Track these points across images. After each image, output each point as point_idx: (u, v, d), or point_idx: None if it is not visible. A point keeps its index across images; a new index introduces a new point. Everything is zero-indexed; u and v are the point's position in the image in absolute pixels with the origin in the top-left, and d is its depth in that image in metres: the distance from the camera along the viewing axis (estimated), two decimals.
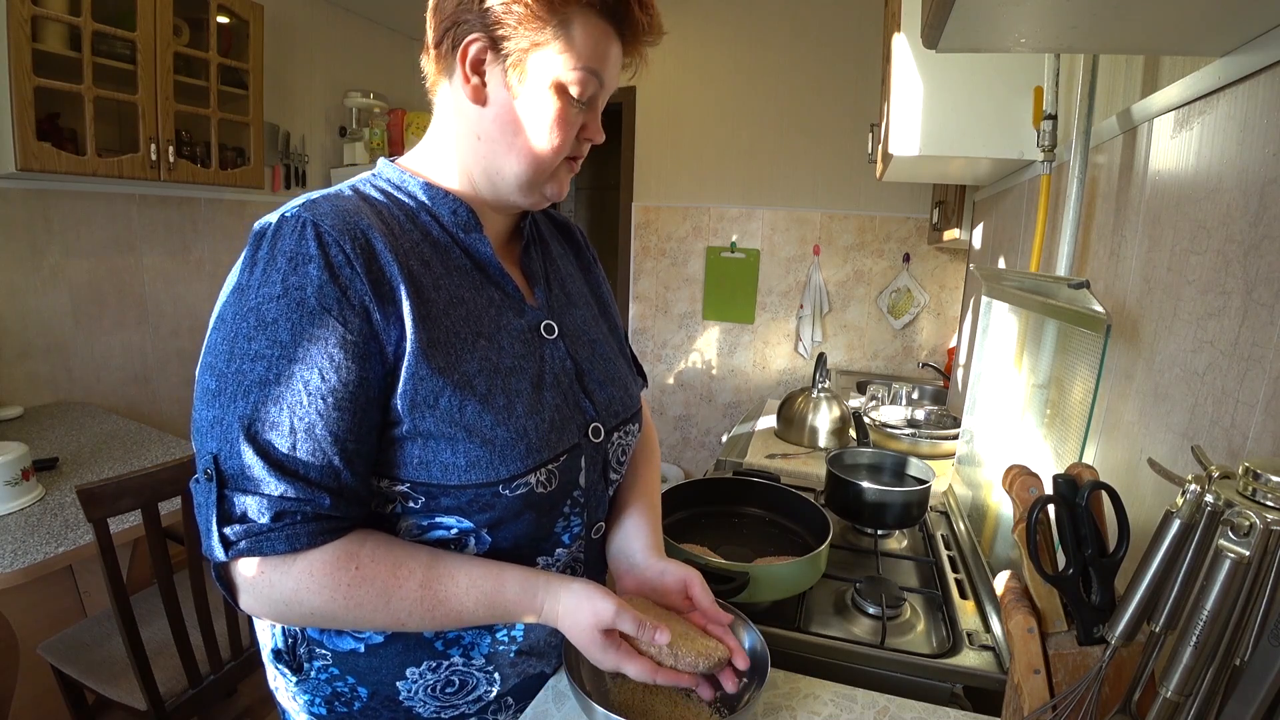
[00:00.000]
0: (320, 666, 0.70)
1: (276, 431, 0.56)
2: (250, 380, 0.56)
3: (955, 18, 0.64)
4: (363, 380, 0.58)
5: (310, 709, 0.72)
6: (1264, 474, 0.43)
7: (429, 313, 0.62)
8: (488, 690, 0.72)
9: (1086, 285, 0.80)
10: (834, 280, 3.26)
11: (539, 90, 0.63)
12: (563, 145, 0.66)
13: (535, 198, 0.70)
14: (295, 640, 0.70)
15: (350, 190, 0.67)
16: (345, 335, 0.57)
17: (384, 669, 0.68)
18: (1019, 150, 1.33)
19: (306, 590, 0.58)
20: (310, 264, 0.57)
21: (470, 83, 0.64)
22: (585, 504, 0.74)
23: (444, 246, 0.68)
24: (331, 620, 0.60)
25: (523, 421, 0.65)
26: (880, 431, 1.88)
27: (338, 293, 0.57)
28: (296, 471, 0.56)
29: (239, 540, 0.56)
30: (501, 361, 0.66)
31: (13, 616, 1.42)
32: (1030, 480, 0.69)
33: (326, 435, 0.57)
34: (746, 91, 3.22)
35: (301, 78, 2.98)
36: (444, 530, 0.65)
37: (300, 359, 0.56)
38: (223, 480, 0.56)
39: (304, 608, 0.58)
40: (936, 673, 0.86)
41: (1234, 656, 0.44)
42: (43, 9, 1.84)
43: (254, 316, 0.56)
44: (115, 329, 2.42)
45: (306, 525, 0.57)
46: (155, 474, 1.25)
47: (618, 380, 0.79)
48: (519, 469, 0.64)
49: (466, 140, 0.68)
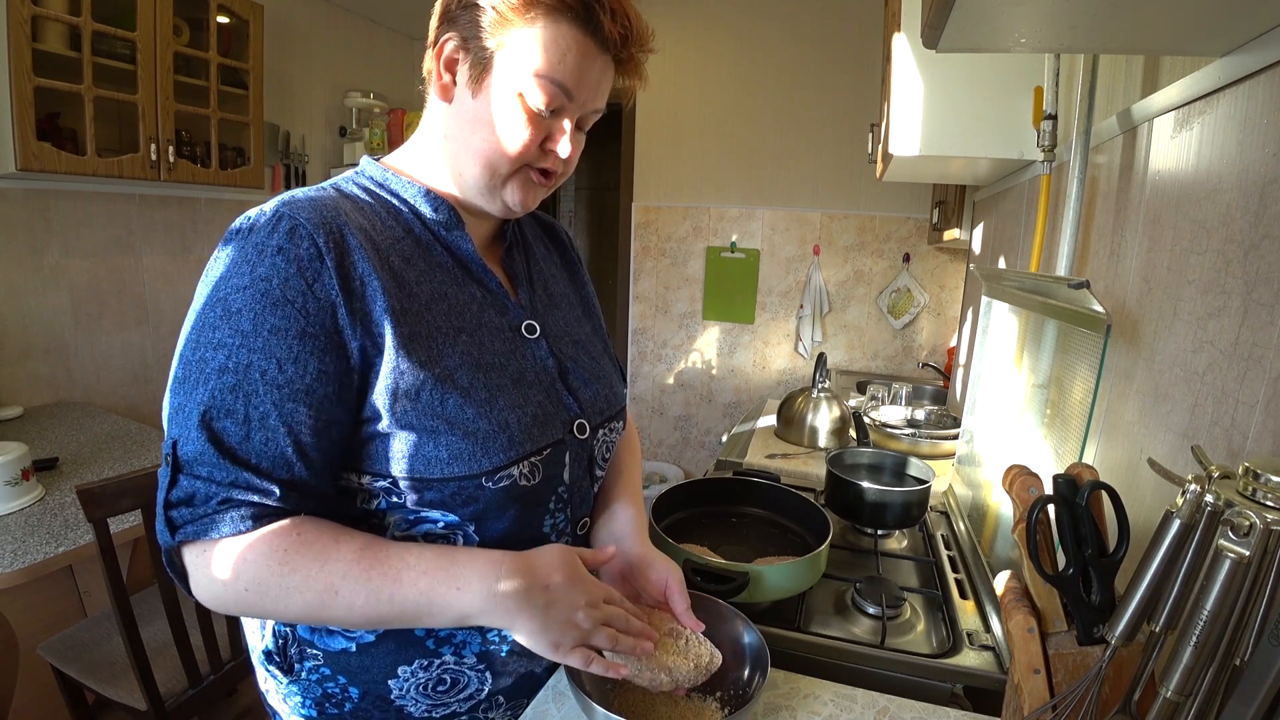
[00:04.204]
0: (311, 667, 0.70)
1: (231, 419, 0.56)
2: (210, 368, 0.56)
3: (955, 18, 0.64)
4: (321, 374, 0.58)
5: (301, 710, 0.72)
6: (1264, 474, 0.43)
7: (410, 307, 0.63)
8: (479, 689, 0.72)
9: (1086, 285, 0.80)
10: (834, 280, 3.26)
11: (499, 93, 0.64)
12: (517, 152, 0.65)
13: (497, 204, 0.70)
14: (286, 641, 0.70)
15: (331, 188, 0.68)
16: (306, 328, 0.57)
17: (375, 667, 0.68)
18: (1019, 150, 1.33)
19: (244, 561, 0.56)
20: (279, 256, 0.58)
21: (441, 80, 0.66)
22: (570, 499, 0.74)
23: (426, 244, 0.69)
24: (264, 594, 0.57)
25: (504, 414, 0.65)
26: (880, 431, 1.88)
27: (303, 285, 0.57)
28: (248, 460, 0.56)
29: (184, 524, 0.56)
30: (483, 357, 0.67)
31: (13, 616, 1.42)
32: (1030, 480, 0.69)
33: (279, 426, 0.57)
34: (747, 91, 3.22)
35: (301, 78, 2.98)
36: (431, 524, 0.66)
37: (259, 349, 0.56)
38: (178, 465, 0.56)
39: (239, 582, 0.56)
40: (936, 673, 0.86)
41: (1234, 656, 0.44)
42: (43, 9, 1.84)
43: (221, 306, 0.57)
44: (115, 329, 2.42)
45: (252, 509, 0.57)
46: (155, 474, 1.25)
47: (602, 378, 0.80)
48: (501, 461, 0.64)
49: (439, 139, 0.69)
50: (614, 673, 0.62)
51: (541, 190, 0.71)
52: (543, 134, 0.66)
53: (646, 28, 0.67)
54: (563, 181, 0.74)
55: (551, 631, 0.60)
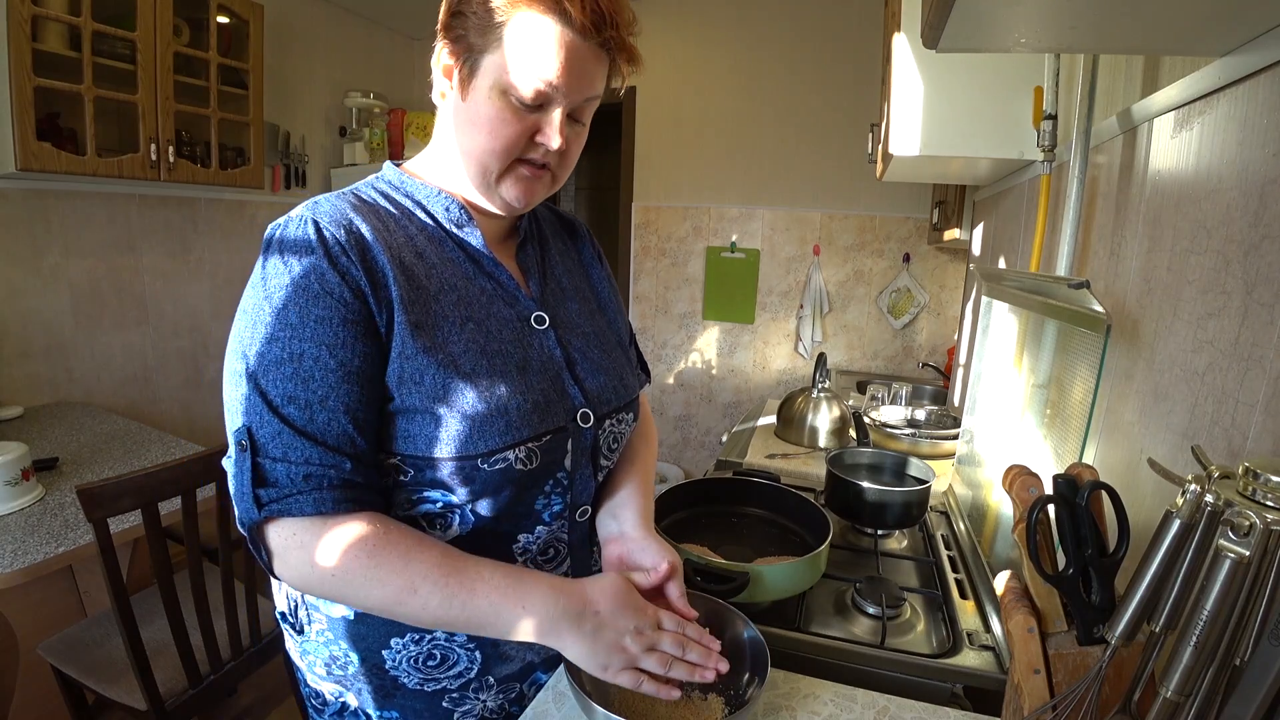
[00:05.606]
0: (318, 630, 0.74)
1: (294, 405, 0.61)
2: (268, 360, 0.62)
3: (955, 18, 0.64)
4: (365, 355, 0.64)
5: (315, 669, 0.77)
6: (1264, 474, 0.43)
7: (419, 298, 0.67)
8: (468, 667, 0.75)
9: (1086, 285, 0.80)
10: (834, 280, 3.26)
11: (484, 93, 0.67)
12: (502, 147, 0.68)
13: (497, 201, 0.73)
14: (295, 604, 0.75)
15: (351, 194, 0.72)
16: (346, 315, 0.63)
17: (370, 636, 0.72)
18: (1019, 150, 1.33)
19: (335, 547, 0.61)
20: (312, 254, 0.64)
21: (441, 82, 0.70)
22: (569, 486, 0.76)
23: (438, 240, 0.73)
24: (348, 582, 0.61)
25: (504, 400, 0.68)
26: (880, 431, 1.87)
27: (337, 277, 0.63)
28: (316, 437, 0.62)
29: (271, 502, 0.60)
30: (489, 345, 0.70)
31: (13, 616, 1.42)
32: (1030, 480, 0.69)
33: (338, 405, 0.62)
34: (746, 91, 3.22)
35: (301, 78, 2.98)
36: (430, 504, 0.69)
37: (309, 338, 0.62)
38: (255, 449, 0.61)
39: (328, 566, 0.61)
40: (936, 673, 0.86)
41: (1234, 656, 0.44)
42: (43, 9, 1.84)
43: (267, 304, 0.63)
44: (115, 329, 2.42)
45: (332, 490, 0.61)
46: (155, 474, 1.25)
47: (611, 370, 0.81)
48: (497, 444, 0.67)
49: (446, 142, 0.73)
50: (666, 694, 0.64)
51: (541, 185, 0.73)
52: (529, 128, 0.68)
53: (622, 8, 0.68)
54: (566, 174, 0.75)
55: (599, 655, 0.63)
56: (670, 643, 0.66)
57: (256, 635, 1.51)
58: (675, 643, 0.66)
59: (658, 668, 0.64)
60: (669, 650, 0.65)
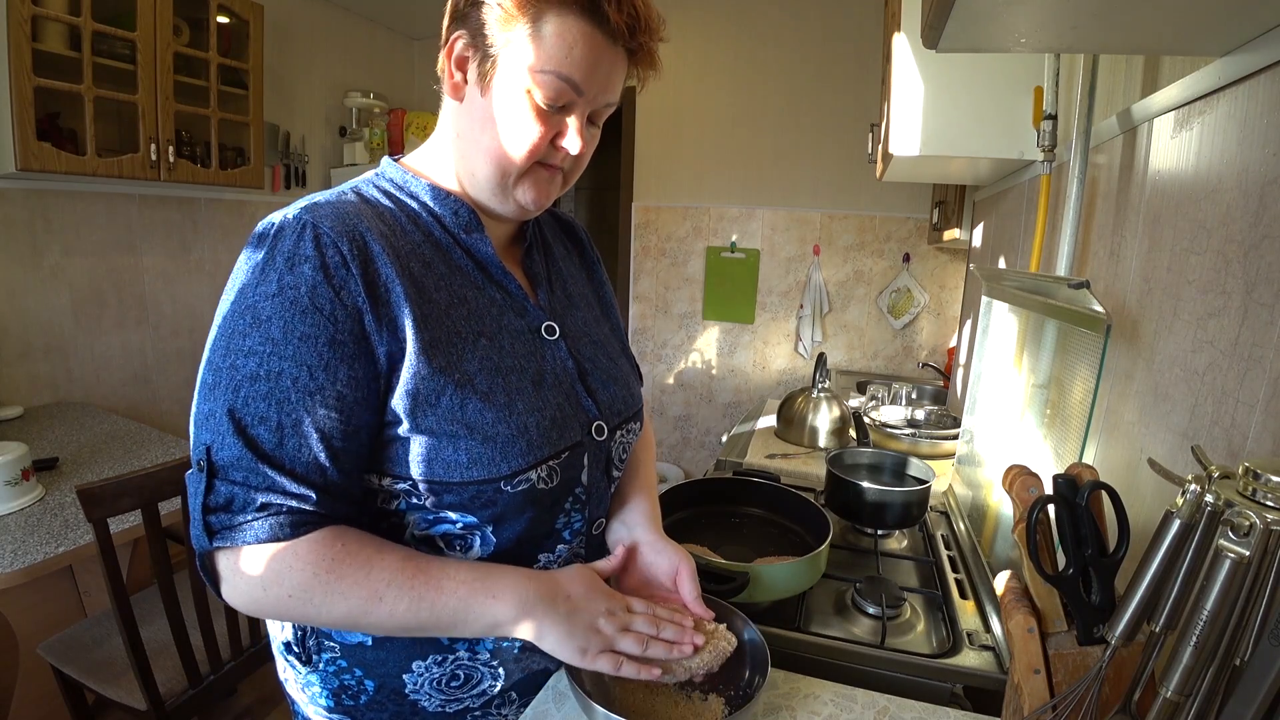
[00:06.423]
0: (329, 659, 0.71)
1: (265, 426, 0.57)
2: (242, 375, 0.57)
3: (955, 18, 0.64)
4: (351, 380, 0.59)
5: (318, 700, 0.73)
6: (1264, 474, 0.43)
7: (430, 313, 0.63)
8: (492, 685, 0.73)
9: (1086, 285, 0.80)
10: (834, 280, 3.26)
11: (507, 90, 0.63)
12: (527, 150, 0.64)
13: (510, 205, 0.69)
14: (305, 633, 0.71)
15: (352, 192, 0.68)
16: (335, 335, 0.58)
17: (391, 661, 0.69)
18: (1019, 150, 1.33)
19: (289, 568, 0.57)
20: (306, 264, 0.58)
21: (453, 79, 0.66)
22: (587, 500, 0.74)
23: (446, 247, 0.69)
24: (308, 600, 0.58)
25: (523, 418, 0.65)
26: (880, 431, 1.88)
27: (331, 293, 0.58)
28: (283, 465, 0.57)
29: (222, 529, 0.57)
30: (503, 361, 0.67)
31: (13, 616, 1.42)
32: (1030, 480, 0.69)
33: (313, 432, 0.58)
34: (746, 91, 3.22)
35: (301, 78, 2.98)
36: (449, 525, 0.66)
37: (290, 356, 0.57)
38: (213, 470, 0.57)
39: (283, 588, 0.57)
40: (936, 673, 0.86)
41: (1234, 656, 0.44)
42: (43, 9, 1.84)
43: (250, 314, 0.58)
44: (115, 329, 2.42)
45: (290, 517, 0.57)
46: (155, 474, 1.25)
47: (620, 379, 0.80)
48: (520, 465, 0.65)
49: (453, 138, 0.69)
50: (647, 674, 0.64)
51: (554, 188, 0.70)
52: (552, 131, 0.65)
53: (656, 15, 0.65)
54: (576, 177, 0.72)
55: (576, 638, 0.62)
56: (644, 623, 0.65)
57: (256, 635, 1.51)
58: (648, 622, 0.65)
59: (635, 648, 0.63)
60: (643, 630, 0.65)
